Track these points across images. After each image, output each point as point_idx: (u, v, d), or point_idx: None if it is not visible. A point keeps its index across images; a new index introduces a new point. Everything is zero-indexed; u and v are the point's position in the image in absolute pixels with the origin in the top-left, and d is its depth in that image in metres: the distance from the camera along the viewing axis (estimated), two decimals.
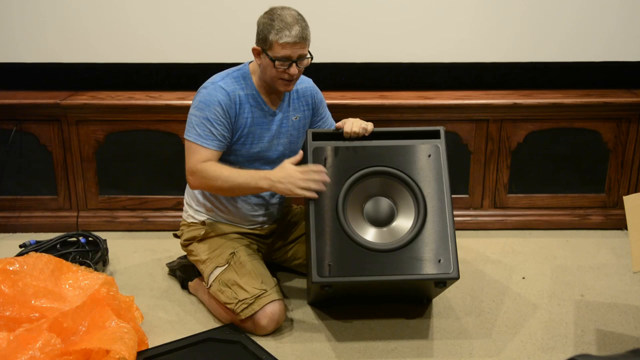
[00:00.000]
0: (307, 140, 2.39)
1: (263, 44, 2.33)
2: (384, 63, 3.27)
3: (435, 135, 2.41)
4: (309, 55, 2.36)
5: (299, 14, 2.33)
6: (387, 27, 3.20)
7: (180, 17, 3.18)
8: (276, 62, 2.31)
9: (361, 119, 2.44)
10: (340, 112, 2.87)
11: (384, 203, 2.36)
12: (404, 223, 2.33)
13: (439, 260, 2.26)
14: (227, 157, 2.47)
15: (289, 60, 2.31)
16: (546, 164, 3.23)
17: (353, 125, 2.39)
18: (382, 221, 2.35)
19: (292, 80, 2.37)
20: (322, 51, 3.15)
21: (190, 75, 3.28)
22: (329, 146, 2.38)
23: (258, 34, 2.35)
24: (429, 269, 2.26)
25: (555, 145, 3.19)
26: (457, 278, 2.26)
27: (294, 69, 2.33)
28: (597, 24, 3.20)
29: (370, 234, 2.32)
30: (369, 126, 2.40)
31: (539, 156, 3.21)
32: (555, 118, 3.15)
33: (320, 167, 2.31)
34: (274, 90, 2.46)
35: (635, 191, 3.21)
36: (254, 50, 2.38)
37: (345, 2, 3.17)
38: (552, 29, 3.21)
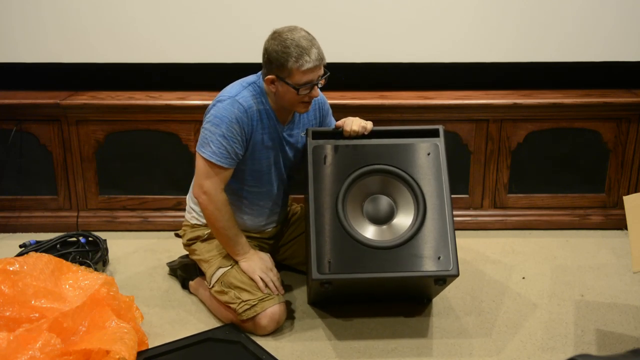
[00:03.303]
0: (307, 138, 2.40)
1: (279, 72, 2.26)
2: (384, 63, 3.27)
3: (434, 133, 2.42)
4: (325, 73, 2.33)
5: (308, 33, 2.28)
6: (387, 27, 3.20)
7: (180, 17, 3.18)
8: (300, 90, 2.26)
9: (361, 118, 2.44)
10: (340, 112, 2.86)
11: (384, 201, 2.37)
12: (403, 220, 2.34)
13: (439, 258, 2.26)
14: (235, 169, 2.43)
15: (311, 85, 2.28)
16: (546, 164, 3.23)
17: (353, 124, 2.39)
18: (381, 219, 2.36)
19: (310, 102, 2.37)
20: (323, 51, 3.15)
21: (190, 75, 3.29)
22: (328, 144, 2.39)
23: (271, 62, 2.27)
24: (429, 266, 2.26)
25: (555, 145, 3.19)
26: (457, 275, 2.26)
27: (316, 92, 2.31)
28: (597, 24, 3.20)
29: (370, 232, 2.33)
30: (369, 125, 2.41)
31: (539, 156, 3.21)
32: (555, 118, 3.15)
33: (279, 288, 2.41)
34: (286, 109, 2.42)
35: (635, 191, 3.21)
36: (267, 79, 2.30)
37: (345, 2, 3.16)
38: (552, 29, 3.21)
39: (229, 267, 2.42)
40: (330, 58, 3.16)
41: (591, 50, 3.24)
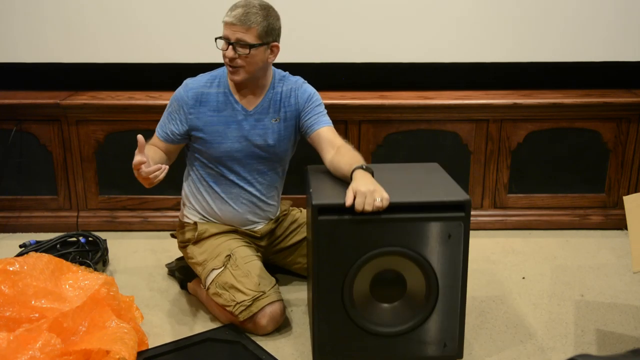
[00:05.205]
0: (313, 214, 2.09)
1: None
2: (384, 63, 3.27)
3: (459, 208, 2.12)
4: (252, 44, 2.26)
5: (262, 4, 2.29)
6: (387, 27, 3.20)
7: (180, 17, 3.18)
8: (217, 41, 2.33)
9: (361, 119, 2.41)
10: (340, 112, 2.87)
11: (394, 280, 2.17)
12: (412, 303, 2.19)
13: (445, 345, 2.21)
14: (198, 156, 2.48)
15: (226, 41, 2.29)
16: (546, 164, 3.23)
17: (365, 203, 2.04)
18: (390, 298, 2.19)
19: (234, 67, 2.31)
20: (322, 51, 3.16)
21: (190, 75, 3.28)
22: (336, 222, 2.08)
23: None
24: (433, 351, 2.21)
25: (555, 145, 3.19)
26: (461, 358, 2.23)
27: (229, 52, 2.28)
28: (597, 24, 3.20)
29: (376, 314, 2.19)
30: (384, 203, 2.05)
31: (539, 156, 3.21)
32: (555, 118, 3.15)
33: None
34: (251, 91, 2.43)
35: (635, 191, 3.21)
36: None
37: (345, 2, 3.16)
38: (552, 29, 3.21)
39: (222, 268, 2.41)
40: (330, 58, 3.18)
41: (591, 50, 3.24)
